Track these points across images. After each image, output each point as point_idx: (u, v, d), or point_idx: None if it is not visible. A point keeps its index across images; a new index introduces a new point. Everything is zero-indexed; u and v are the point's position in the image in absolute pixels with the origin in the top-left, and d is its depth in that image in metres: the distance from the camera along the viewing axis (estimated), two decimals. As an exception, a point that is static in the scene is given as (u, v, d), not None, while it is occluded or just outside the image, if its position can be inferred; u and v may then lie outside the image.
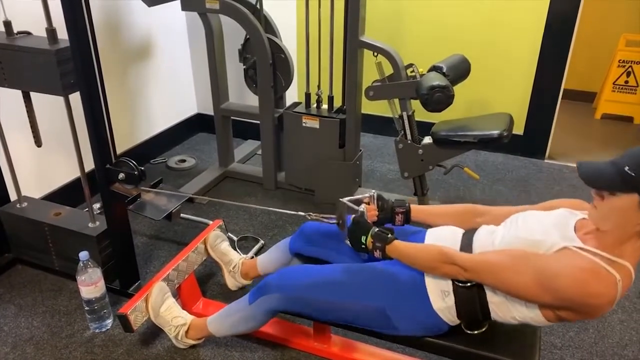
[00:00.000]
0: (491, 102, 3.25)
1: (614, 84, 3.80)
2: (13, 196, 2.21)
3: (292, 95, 3.15)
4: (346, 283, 1.50)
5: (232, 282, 2.04)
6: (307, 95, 2.67)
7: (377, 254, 1.47)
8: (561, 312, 1.25)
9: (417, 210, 1.62)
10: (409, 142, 2.42)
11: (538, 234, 1.29)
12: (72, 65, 1.73)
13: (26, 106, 1.99)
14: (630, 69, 3.73)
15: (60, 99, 1.84)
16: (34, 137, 2.04)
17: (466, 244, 1.42)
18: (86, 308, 1.89)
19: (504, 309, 1.33)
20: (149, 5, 2.54)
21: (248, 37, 2.62)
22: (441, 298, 1.39)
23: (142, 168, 1.85)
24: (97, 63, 1.74)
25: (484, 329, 1.42)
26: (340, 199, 1.56)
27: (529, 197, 2.84)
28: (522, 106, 3.18)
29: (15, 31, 1.87)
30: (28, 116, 2.00)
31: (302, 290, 1.55)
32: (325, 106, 2.66)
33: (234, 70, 2.91)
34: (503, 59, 3.12)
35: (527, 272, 1.22)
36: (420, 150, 2.40)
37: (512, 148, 3.17)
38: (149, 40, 3.04)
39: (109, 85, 1.87)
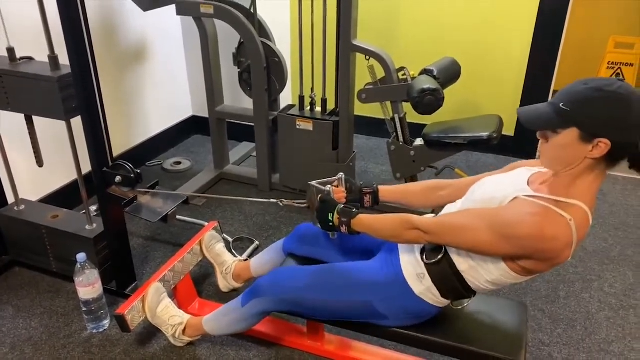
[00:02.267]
0: (482, 103, 3.29)
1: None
2: (11, 199, 2.23)
3: (286, 98, 3.19)
4: (334, 282, 1.55)
5: (224, 284, 2.05)
6: (301, 98, 2.70)
7: (343, 229, 1.49)
8: (523, 262, 1.26)
9: (385, 191, 1.66)
10: (401, 143, 2.46)
11: (493, 192, 1.33)
12: (73, 91, 1.76)
13: (28, 129, 2.02)
14: (619, 71, 3.78)
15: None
16: (35, 157, 2.07)
17: None
18: (84, 309, 1.91)
19: (476, 275, 1.37)
20: (144, 10, 2.57)
21: (242, 41, 2.65)
22: (419, 281, 1.43)
23: (139, 171, 1.88)
24: (97, 86, 1.77)
25: (470, 300, 1.45)
26: (310, 182, 1.61)
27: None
28: (512, 107, 3.17)
29: (18, 56, 1.89)
30: (30, 139, 2.03)
31: (292, 291, 1.59)
32: (318, 109, 2.69)
33: (229, 73, 2.95)
34: (493, 61, 3.16)
35: (482, 225, 1.25)
36: (412, 151, 2.44)
37: (503, 149, 3.21)
38: (145, 44, 3.07)
39: (105, 88, 1.89)
